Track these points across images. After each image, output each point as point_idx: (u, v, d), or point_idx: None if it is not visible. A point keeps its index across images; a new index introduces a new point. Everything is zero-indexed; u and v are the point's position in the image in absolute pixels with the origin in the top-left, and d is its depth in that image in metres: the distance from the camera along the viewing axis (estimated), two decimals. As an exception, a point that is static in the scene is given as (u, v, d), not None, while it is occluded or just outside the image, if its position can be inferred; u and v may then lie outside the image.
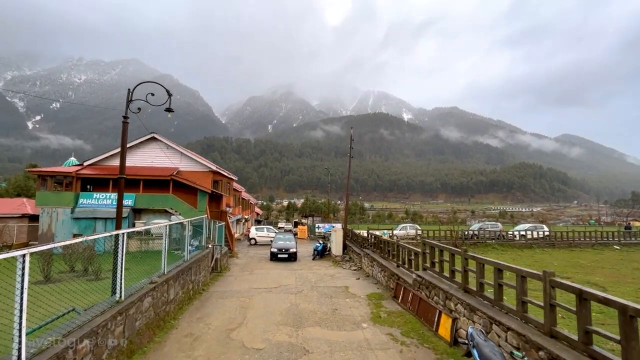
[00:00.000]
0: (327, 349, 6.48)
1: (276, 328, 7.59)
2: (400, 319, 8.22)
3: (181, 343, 6.65)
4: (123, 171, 7.36)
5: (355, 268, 15.57)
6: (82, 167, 21.75)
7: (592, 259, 19.33)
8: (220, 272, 13.59)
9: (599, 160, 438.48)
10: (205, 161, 23.96)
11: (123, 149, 7.34)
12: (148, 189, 21.26)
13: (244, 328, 7.58)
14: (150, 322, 6.72)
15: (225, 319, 8.17)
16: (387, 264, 11.71)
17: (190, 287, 9.80)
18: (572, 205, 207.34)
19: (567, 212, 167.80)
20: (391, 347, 6.59)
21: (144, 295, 6.49)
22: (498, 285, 5.71)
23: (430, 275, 8.41)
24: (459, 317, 6.48)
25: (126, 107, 7.47)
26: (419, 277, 8.68)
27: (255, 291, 11.11)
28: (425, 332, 7.27)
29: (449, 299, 6.94)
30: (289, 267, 16.14)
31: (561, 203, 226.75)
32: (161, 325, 7.25)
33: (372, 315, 8.55)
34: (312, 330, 7.47)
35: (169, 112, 8.03)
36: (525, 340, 4.58)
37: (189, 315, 8.40)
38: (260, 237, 27.98)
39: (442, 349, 6.42)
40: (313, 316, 8.49)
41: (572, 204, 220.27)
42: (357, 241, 18.24)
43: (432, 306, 7.59)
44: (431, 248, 8.53)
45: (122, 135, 7.25)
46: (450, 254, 7.46)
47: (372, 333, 7.33)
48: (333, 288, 11.73)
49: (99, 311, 5.18)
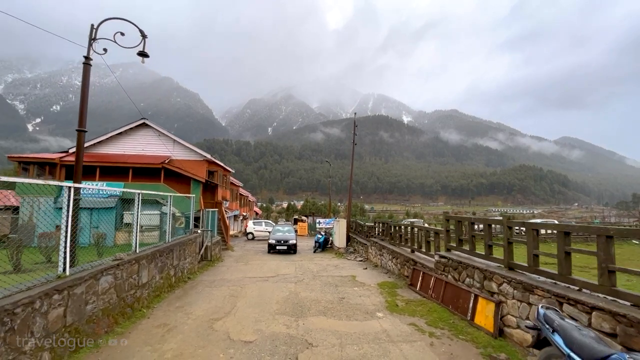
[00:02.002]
0: (336, 341, 5.04)
1: (271, 318, 6.15)
2: (422, 308, 6.78)
3: (150, 334, 5.21)
4: (83, 123, 5.95)
5: (361, 259, 14.12)
6: (67, 154, 20.33)
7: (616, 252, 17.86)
8: (210, 261, 12.14)
9: (598, 162, 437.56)
10: (199, 150, 22.55)
11: (84, 96, 5.94)
12: (138, 178, 19.80)
13: (231, 318, 6.14)
14: (110, 308, 5.28)
15: (209, 308, 6.73)
16: (400, 250, 10.28)
17: (172, 274, 8.36)
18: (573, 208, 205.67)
19: (569, 214, 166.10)
20: (417, 339, 5.15)
21: (101, 272, 5.06)
22: (565, 254, 4.29)
23: (457, 255, 6.98)
24: (506, 301, 5.05)
25: (88, 47, 6.10)
26: (443, 259, 7.25)
27: (249, 280, 9.66)
28: (456, 322, 5.84)
29: (489, 279, 5.50)
30: (288, 259, 14.68)
31: (562, 205, 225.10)
32: (127, 313, 5.81)
33: (388, 304, 7.10)
34: (316, 320, 6.03)
35: (142, 57, 6.64)
36: (628, 323, 3.16)
37: (167, 304, 6.95)
38: (258, 231, 26.49)
39: (484, 341, 4.98)
40: (316, 305, 7.05)
41: (572, 206, 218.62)
42: (362, 231, 16.80)
43: (463, 290, 6.16)
44: (457, 223, 7.11)
45: (82, 80, 5.85)
46: (487, 225, 6.04)
47: (390, 323, 5.89)
48: (338, 277, 10.27)
49: (24, 287, 3.76)
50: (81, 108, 5.98)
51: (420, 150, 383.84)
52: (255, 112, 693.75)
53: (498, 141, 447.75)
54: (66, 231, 4.47)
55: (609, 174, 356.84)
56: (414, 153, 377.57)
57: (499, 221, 5.65)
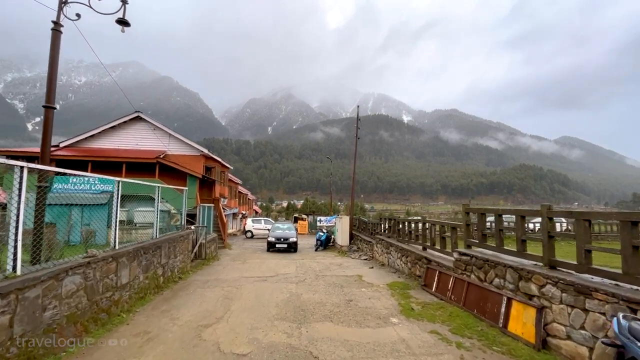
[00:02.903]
0: (347, 354, 4.22)
1: (270, 324, 5.33)
2: (441, 312, 5.95)
3: (125, 345, 4.38)
4: (51, 99, 5.12)
5: (366, 257, 13.29)
6: (58, 148, 19.49)
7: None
8: (205, 259, 11.31)
9: (598, 162, 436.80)
10: (196, 144, 21.71)
11: (52, 69, 5.11)
12: (131, 173, 18.93)
13: (223, 324, 5.31)
14: (78, 314, 4.45)
15: (199, 312, 5.90)
16: (409, 248, 9.45)
17: (160, 273, 7.53)
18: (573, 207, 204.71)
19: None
20: (443, 351, 4.32)
21: (65, 271, 4.22)
22: (632, 249, 3.46)
23: (481, 252, 6.15)
24: (550, 306, 4.22)
25: (58, 10, 5.26)
26: (464, 256, 6.42)
27: (246, 280, 8.83)
28: (485, 329, 5.01)
29: (527, 280, 4.67)
30: (289, 257, 13.85)
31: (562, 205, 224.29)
32: (102, 319, 4.98)
33: (402, 308, 6.28)
34: (321, 327, 5.21)
35: (122, 25, 5.80)
36: None
37: (152, 307, 6.12)
38: (258, 229, 25.64)
39: (524, 353, 4.15)
40: (321, 309, 6.22)
41: (572, 205, 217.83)
42: (367, 229, 15.97)
43: (492, 292, 5.33)
44: (481, 216, 6.28)
45: (50, 49, 5.02)
46: (519, 217, 5.21)
47: (408, 331, 5.06)
48: (343, 277, 9.44)
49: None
50: (49, 82, 5.15)
51: (420, 150, 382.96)
52: (255, 112, 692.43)
53: (498, 141, 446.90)
54: (17, 220, 3.64)
55: (609, 174, 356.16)
56: (414, 152, 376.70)
57: (536, 212, 4.82)
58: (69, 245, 8.56)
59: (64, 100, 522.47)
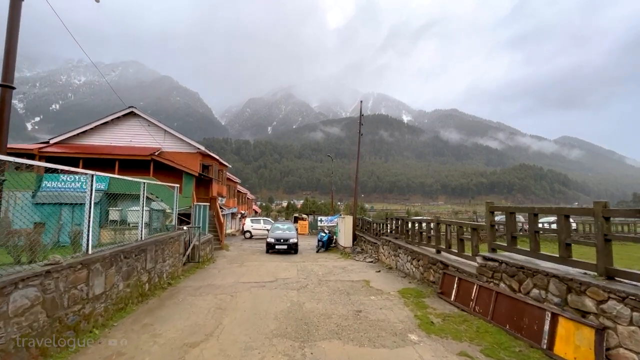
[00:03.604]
0: (362, 385, 3.41)
1: (267, 342, 4.52)
2: (466, 327, 5.14)
3: (91, 373, 3.58)
4: (8, 77, 4.31)
5: (372, 260, 12.48)
6: (48, 144, 18.68)
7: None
8: (199, 263, 10.49)
9: (598, 162, 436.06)
10: (193, 141, 20.89)
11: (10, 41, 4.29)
12: (125, 171, 18.12)
13: (212, 343, 4.50)
14: (33, 334, 3.64)
15: (186, 327, 5.09)
16: (421, 250, 8.65)
17: (145, 279, 6.71)
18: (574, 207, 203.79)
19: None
20: (480, 381, 3.52)
21: (15, 284, 3.42)
22: None
23: (510, 257, 5.35)
24: (615, 326, 3.42)
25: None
26: (490, 262, 5.61)
27: (243, 286, 8.01)
28: (525, 351, 4.20)
29: (579, 293, 3.87)
30: (289, 259, 13.04)
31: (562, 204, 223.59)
32: (66, 338, 4.17)
33: (419, 321, 5.47)
34: (328, 347, 4.40)
35: (97, -6, 4.98)
36: None
37: (133, 320, 5.32)
38: (256, 229, 24.82)
39: (582, 386, 3.35)
40: (326, 322, 5.41)
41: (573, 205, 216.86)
42: (372, 229, 15.16)
43: (529, 305, 4.53)
44: (510, 215, 5.47)
45: (8, 18, 4.21)
46: (562, 216, 4.40)
47: (432, 352, 4.25)
48: (349, 282, 8.63)
49: None
50: (6, 57, 4.34)
51: (420, 150, 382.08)
52: (255, 112, 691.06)
53: (498, 140, 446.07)
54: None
55: (608, 174, 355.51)
56: (414, 152, 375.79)
57: (588, 210, 4.01)
58: (59, 246, 7.80)
59: (63, 100, 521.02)
